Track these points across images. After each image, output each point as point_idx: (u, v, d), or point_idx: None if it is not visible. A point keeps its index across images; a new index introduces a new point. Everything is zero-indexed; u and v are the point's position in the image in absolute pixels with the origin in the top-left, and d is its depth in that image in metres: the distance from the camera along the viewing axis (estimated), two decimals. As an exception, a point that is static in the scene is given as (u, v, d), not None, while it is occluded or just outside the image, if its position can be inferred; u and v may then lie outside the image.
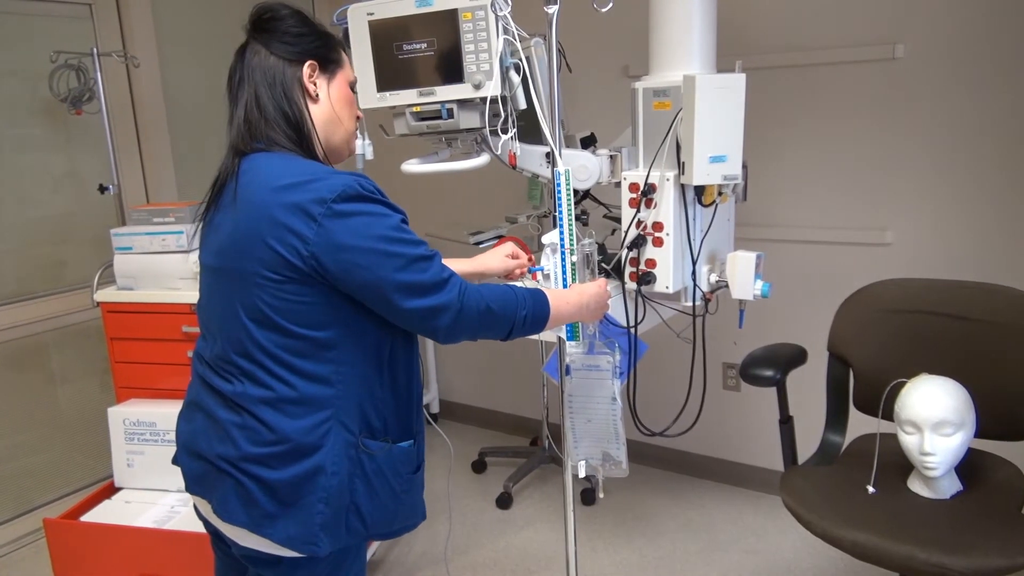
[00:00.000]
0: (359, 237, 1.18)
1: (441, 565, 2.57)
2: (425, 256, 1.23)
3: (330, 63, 1.36)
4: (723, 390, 2.89)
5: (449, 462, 3.30)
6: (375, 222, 1.20)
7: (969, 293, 1.88)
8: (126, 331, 2.37)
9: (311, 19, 1.36)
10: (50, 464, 2.94)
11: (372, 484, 1.29)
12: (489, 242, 2.07)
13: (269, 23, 1.31)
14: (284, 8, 1.33)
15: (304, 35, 1.33)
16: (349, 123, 1.40)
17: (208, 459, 1.28)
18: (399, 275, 1.20)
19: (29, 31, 2.76)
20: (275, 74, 1.30)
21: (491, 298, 1.30)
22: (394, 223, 1.22)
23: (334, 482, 1.25)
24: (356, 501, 1.27)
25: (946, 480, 1.70)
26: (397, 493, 1.32)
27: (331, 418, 1.25)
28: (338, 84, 1.37)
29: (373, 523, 1.30)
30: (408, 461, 1.34)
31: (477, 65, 1.63)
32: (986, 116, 2.28)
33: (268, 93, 1.30)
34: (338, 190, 1.18)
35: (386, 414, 1.32)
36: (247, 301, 1.22)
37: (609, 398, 1.69)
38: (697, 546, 2.60)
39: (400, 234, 1.22)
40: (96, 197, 2.87)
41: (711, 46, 1.87)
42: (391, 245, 1.20)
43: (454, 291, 1.25)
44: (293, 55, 1.31)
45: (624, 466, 1.74)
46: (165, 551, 2.06)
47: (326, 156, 1.36)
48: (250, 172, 1.24)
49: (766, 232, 2.68)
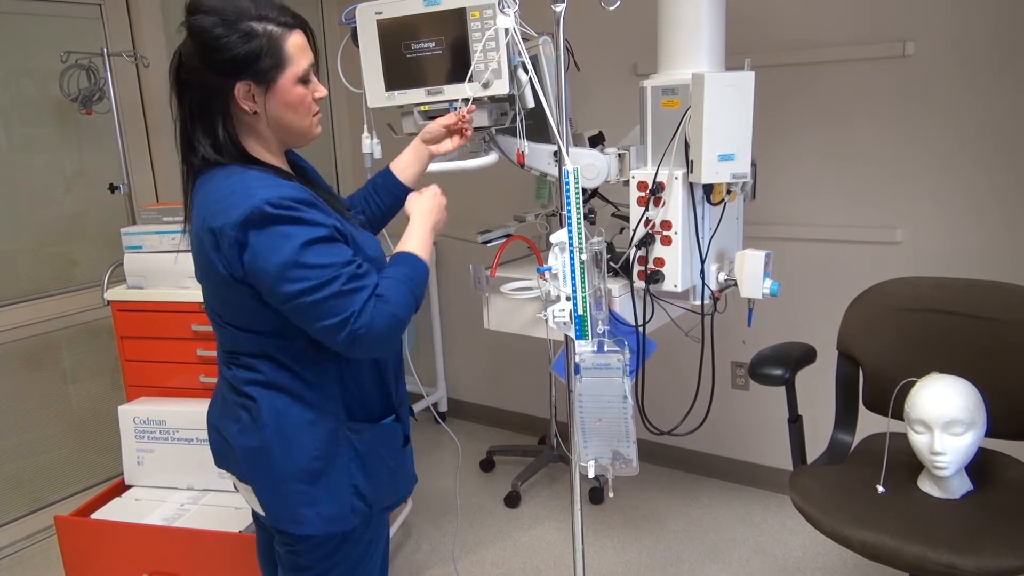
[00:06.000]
0: (264, 259, 1.18)
1: (449, 563, 2.58)
2: (322, 282, 1.18)
3: (267, 72, 1.23)
4: (732, 389, 2.89)
5: (457, 461, 3.30)
6: (277, 247, 1.17)
7: (979, 292, 1.87)
8: (136, 330, 2.38)
9: (239, 13, 1.21)
10: (61, 462, 2.96)
11: (366, 464, 1.35)
12: (497, 240, 2.06)
13: (191, 27, 1.21)
14: (204, 5, 1.21)
15: (227, 45, 1.20)
16: (301, 120, 1.31)
17: (224, 435, 1.38)
18: (305, 298, 1.19)
19: (39, 31, 2.78)
20: (205, 91, 1.24)
21: (396, 306, 1.24)
22: (295, 247, 1.17)
23: (319, 466, 1.31)
24: (355, 483, 1.33)
25: (956, 480, 1.69)
26: (392, 468, 1.39)
27: (312, 408, 1.31)
28: (280, 92, 1.26)
29: (375, 500, 1.37)
30: (395, 435, 1.41)
31: (485, 64, 1.63)
32: (997, 114, 2.27)
33: (202, 113, 1.25)
34: (244, 215, 1.17)
35: (362, 396, 1.37)
36: (219, 310, 1.33)
37: (620, 396, 1.69)
38: (705, 545, 2.59)
39: (301, 257, 1.17)
40: (106, 196, 2.89)
41: (720, 44, 1.86)
42: (289, 271, 1.17)
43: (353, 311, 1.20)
44: (219, 70, 1.21)
45: (635, 464, 1.73)
46: (174, 549, 2.07)
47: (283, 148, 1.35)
48: (199, 193, 1.27)
49: (775, 231, 2.67)
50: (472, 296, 1.98)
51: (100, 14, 2.91)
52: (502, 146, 1.84)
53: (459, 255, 3.53)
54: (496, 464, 3.25)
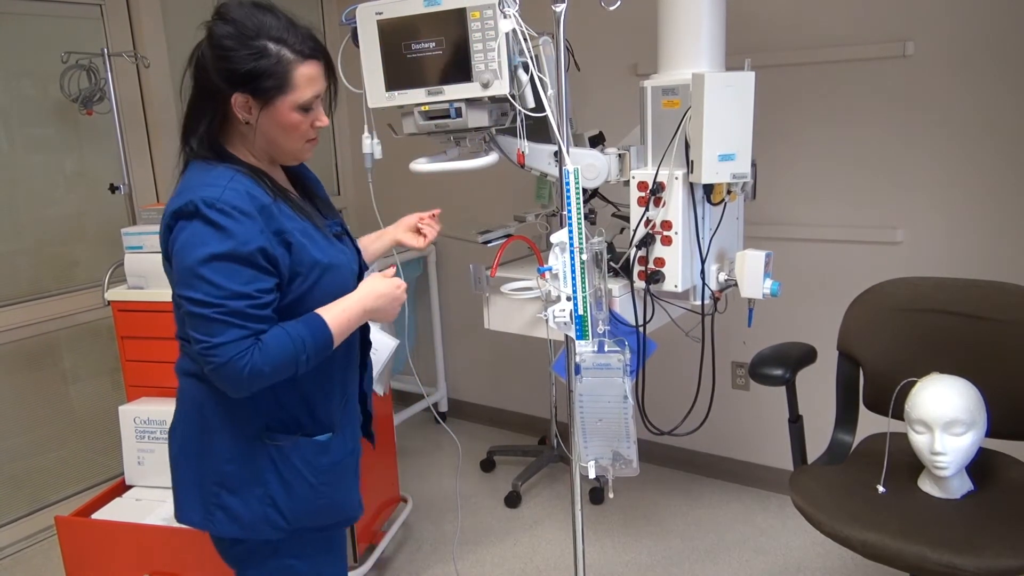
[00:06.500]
0: (178, 255, 1.22)
1: (449, 563, 2.58)
2: (205, 301, 1.18)
3: (266, 91, 1.24)
4: (732, 389, 2.89)
5: (457, 461, 3.30)
6: (190, 248, 1.20)
7: (980, 292, 1.87)
8: (137, 330, 2.38)
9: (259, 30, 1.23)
10: (62, 462, 2.97)
11: (283, 476, 1.34)
12: (498, 241, 2.06)
13: (209, 30, 1.26)
14: (230, 13, 1.24)
15: (235, 57, 1.23)
16: (290, 144, 1.32)
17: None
18: (188, 306, 1.21)
19: (40, 32, 2.78)
20: (206, 91, 1.27)
21: (267, 361, 1.22)
22: (202, 256, 1.18)
23: (232, 468, 1.32)
24: (271, 493, 1.33)
25: (957, 480, 1.69)
26: (314, 485, 1.36)
27: (229, 406, 1.32)
28: (276, 112, 1.27)
29: (293, 515, 1.35)
30: (322, 453, 1.38)
31: (485, 64, 1.63)
32: (997, 114, 2.27)
33: (198, 108, 1.30)
34: (180, 206, 1.21)
35: (278, 407, 1.35)
36: (173, 290, 1.33)
37: (620, 397, 1.69)
38: (706, 545, 2.59)
39: (201, 268, 1.19)
40: (107, 196, 2.89)
41: (720, 44, 1.86)
42: (187, 275, 1.20)
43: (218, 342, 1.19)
44: (222, 78, 1.24)
45: (635, 464, 1.73)
46: (175, 549, 2.07)
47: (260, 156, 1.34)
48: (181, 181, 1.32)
49: (775, 231, 2.67)
50: (472, 296, 1.98)
51: (100, 14, 2.91)
52: (502, 146, 1.84)
53: (459, 255, 3.53)
54: (496, 464, 3.25)
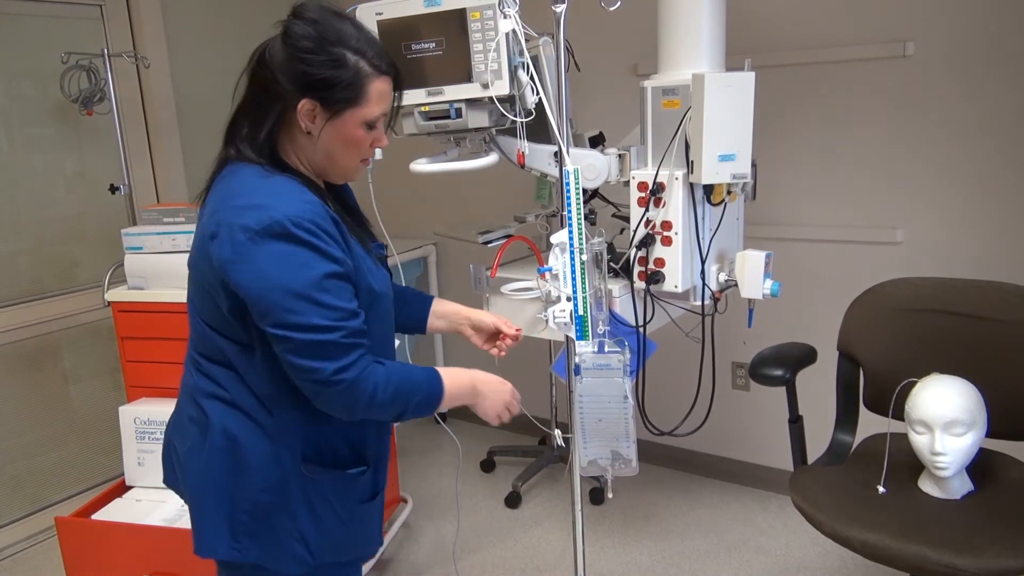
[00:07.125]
0: (266, 277, 1.12)
1: (449, 564, 2.58)
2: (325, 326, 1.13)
3: (337, 102, 1.19)
4: (732, 389, 2.89)
5: (457, 461, 3.30)
6: (293, 268, 1.12)
7: (980, 292, 1.87)
8: (137, 330, 2.38)
9: (339, 37, 1.17)
10: (62, 462, 2.97)
11: (315, 510, 1.26)
12: (498, 241, 2.06)
13: (287, 29, 1.18)
14: (309, 14, 1.18)
15: (312, 61, 1.16)
16: (347, 161, 1.26)
17: (178, 452, 1.33)
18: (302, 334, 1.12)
19: (40, 32, 2.78)
20: (271, 93, 1.19)
21: (385, 387, 1.19)
22: (312, 279, 1.12)
23: (267, 499, 1.24)
24: (300, 528, 1.25)
25: (957, 480, 1.69)
26: (343, 520, 1.29)
27: (271, 439, 1.24)
28: (342, 125, 1.21)
29: (320, 552, 1.27)
30: (357, 489, 1.32)
31: (485, 64, 1.63)
32: (997, 114, 2.27)
33: (257, 110, 1.21)
34: (263, 224, 1.11)
35: (333, 440, 1.29)
36: (197, 302, 1.26)
37: (620, 397, 1.69)
38: (706, 546, 2.59)
39: (314, 292, 1.12)
40: (107, 197, 2.89)
41: (720, 44, 1.86)
42: (295, 301, 1.12)
43: (345, 363, 1.15)
44: (293, 81, 1.17)
45: (634, 464, 1.73)
46: (175, 549, 2.07)
47: (311, 169, 1.27)
48: (222, 181, 1.23)
49: (775, 231, 2.67)
50: (472, 296, 1.97)
51: (101, 15, 2.92)
52: (502, 146, 1.84)
53: (459, 255, 3.53)
54: (496, 464, 3.25)
